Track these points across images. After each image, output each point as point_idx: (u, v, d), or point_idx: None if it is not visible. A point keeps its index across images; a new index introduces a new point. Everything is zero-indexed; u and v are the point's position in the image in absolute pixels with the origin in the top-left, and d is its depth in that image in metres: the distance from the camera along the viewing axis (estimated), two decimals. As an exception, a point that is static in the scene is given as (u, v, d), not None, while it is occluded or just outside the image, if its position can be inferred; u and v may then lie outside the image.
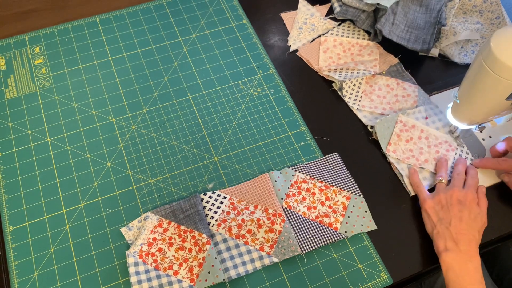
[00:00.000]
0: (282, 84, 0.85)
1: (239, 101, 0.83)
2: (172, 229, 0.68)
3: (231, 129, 0.80)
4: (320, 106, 0.83)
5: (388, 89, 0.84)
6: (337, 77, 0.84)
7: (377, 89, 0.84)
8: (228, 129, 0.80)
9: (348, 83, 0.82)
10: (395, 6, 0.88)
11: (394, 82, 0.84)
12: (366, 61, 0.86)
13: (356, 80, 0.83)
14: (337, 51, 0.88)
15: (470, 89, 0.69)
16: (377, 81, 0.84)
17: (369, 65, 0.85)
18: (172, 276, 0.65)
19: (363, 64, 0.86)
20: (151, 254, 0.66)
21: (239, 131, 0.79)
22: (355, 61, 0.87)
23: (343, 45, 0.89)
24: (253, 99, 0.83)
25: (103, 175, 0.74)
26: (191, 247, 0.67)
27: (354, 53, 0.88)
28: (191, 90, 0.83)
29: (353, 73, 0.85)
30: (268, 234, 0.68)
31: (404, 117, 0.79)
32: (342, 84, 0.83)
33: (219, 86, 0.84)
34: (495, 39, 0.63)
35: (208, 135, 0.79)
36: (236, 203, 0.71)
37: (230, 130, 0.80)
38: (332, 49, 0.88)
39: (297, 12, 0.94)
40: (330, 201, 0.72)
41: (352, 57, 0.88)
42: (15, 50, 0.86)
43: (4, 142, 0.76)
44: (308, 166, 0.75)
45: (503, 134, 0.80)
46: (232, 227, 0.69)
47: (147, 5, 0.93)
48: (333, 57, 0.88)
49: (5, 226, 0.69)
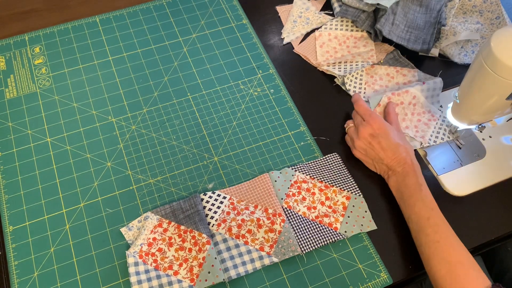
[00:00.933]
0: (282, 84, 0.85)
1: (239, 101, 0.83)
2: (172, 229, 0.68)
3: (231, 129, 0.80)
4: (320, 106, 0.83)
5: (388, 78, 0.85)
6: (337, 71, 0.85)
7: (378, 79, 0.85)
8: (228, 129, 0.80)
9: (350, 77, 0.83)
10: (395, 6, 0.88)
11: (393, 70, 0.86)
12: (363, 52, 0.88)
13: (356, 73, 0.84)
14: (333, 45, 0.89)
15: (470, 89, 0.69)
16: (376, 71, 0.85)
17: (366, 56, 0.87)
18: (172, 276, 0.65)
19: (360, 55, 0.87)
20: (151, 254, 0.66)
21: (239, 131, 0.79)
22: (352, 54, 0.88)
23: (338, 38, 0.90)
24: (253, 99, 0.83)
25: (103, 175, 0.74)
26: (191, 247, 0.67)
27: (350, 46, 0.89)
28: (191, 90, 0.83)
29: (352, 66, 0.85)
30: (268, 234, 0.68)
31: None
32: (344, 79, 0.83)
33: (219, 86, 0.84)
34: (495, 39, 0.63)
35: (208, 135, 0.79)
36: (236, 203, 0.71)
37: (230, 130, 0.80)
38: (328, 43, 0.89)
39: (292, 6, 0.94)
40: (330, 201, 0.72)
41: (348, 49, 0.89)
42: (15, 50, 0.86)
43: (4, 142, 0.76)
44: (308, 166, 0.75)
45: (503, 134, 0.81)
46: (232, 227, 0.69)
47: (147, 5, 0.93)
48: (330, 51, 0.88)
49: (5, 226, 0.69)
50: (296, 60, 0.88)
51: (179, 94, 0.83)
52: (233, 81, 0.85)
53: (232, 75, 0.86)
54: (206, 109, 0.82)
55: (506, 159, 0.78)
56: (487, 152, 0.79)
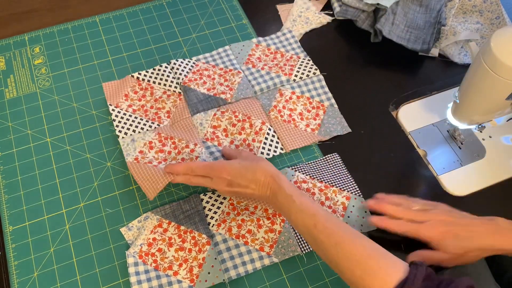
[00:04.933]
0: (282, 84, 0.85)
1: (239, 101, 0.83)
2: (172, 229, 0.68)
3: (231, 129, 0.80)
4: (320, 106, 0.83)
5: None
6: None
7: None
8: (228, 129, 0.80)
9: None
10: (395, 6, 0.88)
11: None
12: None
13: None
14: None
15: (470, 89, 0.70)
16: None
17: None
18: (172, 276, 0.65)
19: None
20: (151, 254, 0.66)
21: (239, 131, 0.79)
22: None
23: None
24: (253, 99, 0.83)
25: (103, 175, 0.74)
26: (191, 247, 0.67)
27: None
28: (191, 90, 0.83)
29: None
30: (268, 234, 0.68)
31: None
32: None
33: (219, 86, 0.84)
34: (495, 39, 0.63)
35: (208, 135, 0.79)
36: (236, 204, 0.71)
37: (230, 130, 0.80)
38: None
39: (293, 5, 0.94)
40: (330, 201, 0.72)
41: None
42: (15, 50, 0.86)
43: (4, 142, 0.76)
44: (308, 166, 0.75)
45: (503, 134, 0.81)
46: (232, 227, 0.69)
47: (147, 5, 0.93)
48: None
49: (5, 226, 0.69)
50: (296, 60, 0.88)
51: (179, 94, 0.83)
52: (233, 81, 0.85)
53: (232, 75, 0.86)
54: (206, 109, 0.81)
55: (506, 159, 0.78)
56: (487, 152, 0.79)
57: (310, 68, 0.84)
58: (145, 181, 0.69)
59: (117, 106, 0.78)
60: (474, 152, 0.79)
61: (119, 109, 0.78)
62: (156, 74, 0.81)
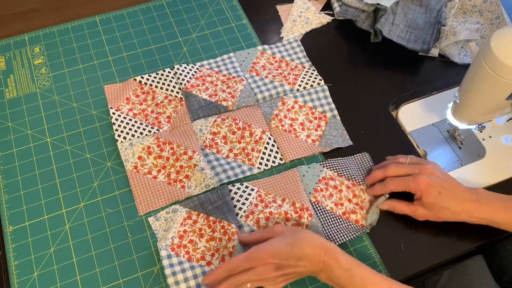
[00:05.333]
0: (282, 84, 0.85)
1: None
2: (202, 220, 0.69)
3: (231, 129, 0.80)
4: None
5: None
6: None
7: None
8: (228, 129, 0.80)
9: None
10: (395, 6, 0.88)
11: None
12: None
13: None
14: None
15: (470, 89, 0.70)
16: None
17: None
18: (205, 266, 0.65)
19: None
20: (182, 246, 0.67)
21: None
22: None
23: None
24: (253, 99, 0.83)
25: (103, 175, 0.74)
26: (221, 236, 0.67)
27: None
28: (191, 90, 0.83)
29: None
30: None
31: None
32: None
33: (219, 86, 0.84)
34: (495, 39, 0.63)
35: (208, 135, 0.79)
36: (264, 196, 0.71)
37: (230, 130, 0.79)
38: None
39: (293, 5, 0.94)
40: (357, 199, 0.72)
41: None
42: (15, 50, 0.86)
43: (4, 142, 0.76)
44: (337, 163, 0.75)
45: (503, 134, 0.81)
46: (260, 219, 0.69)
47: (147, 5, 0.93)
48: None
49: (5, 226, 0.69)
50: (296, 60, 0.88)
51: (179, 94, 0.83)
52: (233, 81, 0.85)
53: (232, 75, 0.86)
54: (206, 109, 0.81)
55: (506, 159, 0.78)
56: (487, 152, 0.79)
57: (315, 78, 0.84)
58: (141, 197, 0.71)
59: (118, 109, 0.78)
60: (474, 152, 0.79)
61: (120, 113, 0.78)
62: (159, 79, 0.81)
